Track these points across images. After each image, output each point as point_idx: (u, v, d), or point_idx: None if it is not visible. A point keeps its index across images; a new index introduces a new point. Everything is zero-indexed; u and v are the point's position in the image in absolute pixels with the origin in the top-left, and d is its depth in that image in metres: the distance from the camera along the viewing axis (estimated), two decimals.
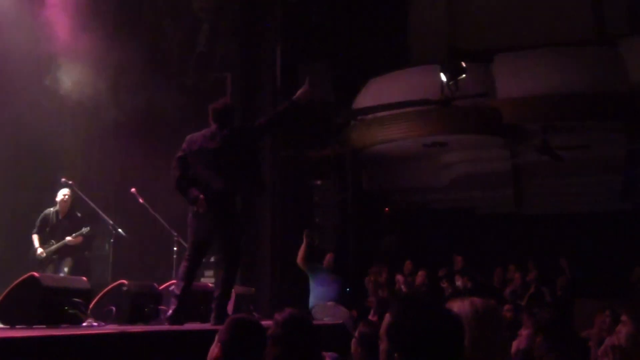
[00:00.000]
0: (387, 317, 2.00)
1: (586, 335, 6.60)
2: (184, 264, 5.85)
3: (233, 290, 7.04)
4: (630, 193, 13.15)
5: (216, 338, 3.03)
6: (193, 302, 6.13)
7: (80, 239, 7.82)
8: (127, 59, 8.74)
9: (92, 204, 7.43)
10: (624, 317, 4.23)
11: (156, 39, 9.74)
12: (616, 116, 11.34)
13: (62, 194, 7.91)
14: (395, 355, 1.94)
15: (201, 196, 5.58)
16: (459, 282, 10.96)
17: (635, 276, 10.48)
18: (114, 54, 8.69)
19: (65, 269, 7.74)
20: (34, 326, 4.96)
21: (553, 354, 3.89)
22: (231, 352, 2.94)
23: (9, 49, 7.97)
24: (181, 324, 5.52)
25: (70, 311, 5.32)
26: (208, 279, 9.22)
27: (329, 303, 8.89)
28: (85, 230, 7.79)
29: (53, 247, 7.80)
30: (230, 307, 6.48)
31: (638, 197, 13.20)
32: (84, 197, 7.43)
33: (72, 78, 8.47)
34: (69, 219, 7.92)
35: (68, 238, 7.78)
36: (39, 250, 7.73)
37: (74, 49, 8.23)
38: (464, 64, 10.60)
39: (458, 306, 2.33)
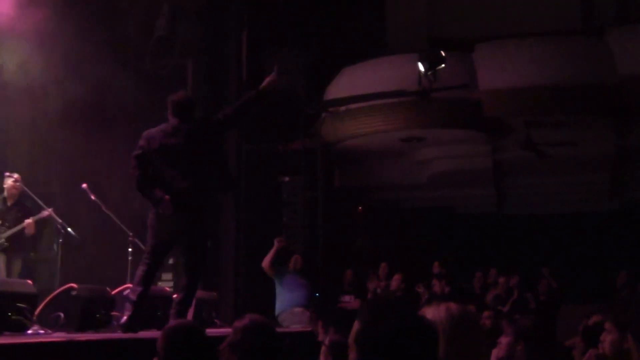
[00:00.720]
0: (356, 324, 2.00)
1: (571, 344, 6.69)
2: (141, 267, 5.78)
3: None
4: (619, 192, 13.35)
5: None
6: (149, 308, 6.09)
7: (32, 223, 7.51)
8: (78, 40, 8.63)
9: (38, 201, 7.31)
10: (607, 325, 4.29)
11: (111, 19, 9.62)
12: (604, 110, 11.47)
13: (11, 180, 7.59)
14: None
15: (166, 197, 5.53)
16: (436, 288, 11.07)
17: (621, 281, 10.64)
18: (64, 34, 8.57)
19: (15, 271, 7.53)
20: None
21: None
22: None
23: None
24: (135, 331, 5.48)
25: (13, 317, 5.26)
26: (165, 283, 9.18)
27: (297, 309, 8.92)
28: (45, 212, 7.45)
29: (8, 233, 7.49)
30: (190, 314, 6.45)
31: (627, 196, 13.41)
32: (29, 192, 7.30)
33: (15, 60, 8.31)
34: (19, 206, 7.64)
35: (27, 221, 7.45)
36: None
37: (17, 27, 8.05)
38: (443, 54, 10.63)
39: (433, 312, 2.34)
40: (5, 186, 7.65)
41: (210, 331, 5.97)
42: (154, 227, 5.71)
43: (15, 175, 7.62)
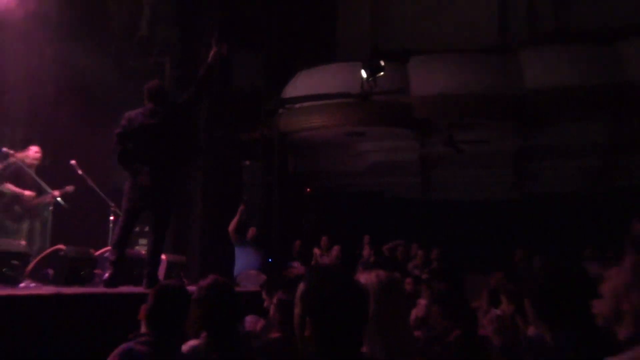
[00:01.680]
0: (301, 285, 2.02)
1: (476, 306, 6.87)
2: (117, 231, 5.76)
3: (165, 257, 7.00)
4: (520, 184, 13.63)
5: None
6: (127, 268, 6.05)
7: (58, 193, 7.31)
8: (72, 37, 8.44)
9: (33, 175, 7.17)
10: (505, 292, 4.44)
11: (101, 20, 9.43)
12: (511, 116, 11.68)
13: (34, 150, 7.32)
14: (307, 319, 1.94)
15: (145, 169, 5.53)
16: (365, 252, 11.20)
17: (518, 256, 10.88)
18: (60, 32, 8.38)
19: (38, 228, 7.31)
20: None
21: (446, 321, 4.06)
22: (157, 314, 2.96)
23: None
24: (116, 287, 5.45)
25: (7, 272, 5.18)
26: (142, 247, 9.09)
27: (252, 271, 8.96)
28: (69, 188, 7.34)
29: (41, 199, 7.28)
30: (161, 273, 6.44)
31: (526, 187, 13.70)
32: (25, 167, 7.15)
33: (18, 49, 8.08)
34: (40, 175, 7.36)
35: (55, 192, 7.28)
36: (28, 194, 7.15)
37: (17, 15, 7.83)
38: (383, 63, 10.72)
39: (365, 277, 2.39)
40: (28, 154, 7.34)
41: None
42: (129, 194, 5.68)
43: (37, 148, 7.39)
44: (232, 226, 9.16)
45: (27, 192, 7.17)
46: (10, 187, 7.13)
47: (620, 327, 1.77)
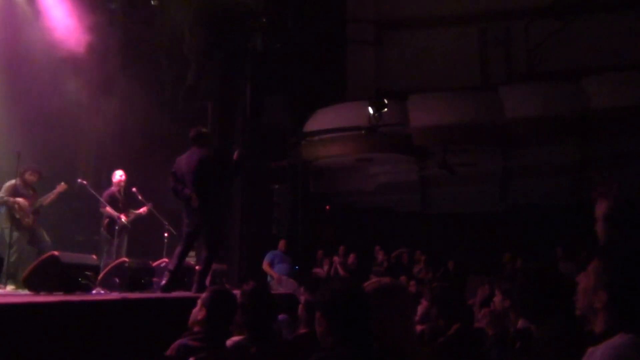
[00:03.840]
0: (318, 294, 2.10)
1: (471, 303, 6.75)
2: (179, 247, 5.77)
3: None
4: (505, 198, 13.52)
5: (199, 303, 3.02)
6: (181, 276, 6.07)
7: (145, 210, 7.42)
8: (131, 87, 8.58)
9: (101, 199, 7.25)
10: (496, 290, 4.36)
11: (155, 72, 9.58)
12: (495, 142, 11.62)
13: (119, 175, 7.39)
14: (320, 318, 2.03)
15: (193, 194, 5.56)
16: (380, 257, 11.11)
17: (505, 259, 10.75)
18: (123, 84, 8.52)
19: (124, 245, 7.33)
20: (54, 293, 4.84)
21: (443, 318, 4.00)
22: (213, 315, 2.94)
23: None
24: (170, 292, 5.46)
25: (82, 282, 5.21)
26: (190, 258, 9.11)
27: (283, 277, 8.91)
28: (149, 205, 7.39)
29: (132, 217, 7.38)
30: (207, 281, 6.43)
31: (510, 201, 13.58)
32: (95, 194, 7.22)
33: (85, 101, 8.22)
34: (127, 195, 7.45)
35: (141, 210, 7.39)
36: (123, 219, 7.20)
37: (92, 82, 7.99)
38: (386, 101, 10.75)
39: (374, 284, 2.36)
40: (115, 180, 7.40)
41: None
42: (187, 218, 5.71)
43: (122, 172, 7.47)
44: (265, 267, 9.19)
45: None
46: (109, 209, 7.19)
47: (596, 322, 1.75)
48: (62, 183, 6.92)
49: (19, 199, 6.53)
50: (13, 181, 6.58)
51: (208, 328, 2.89)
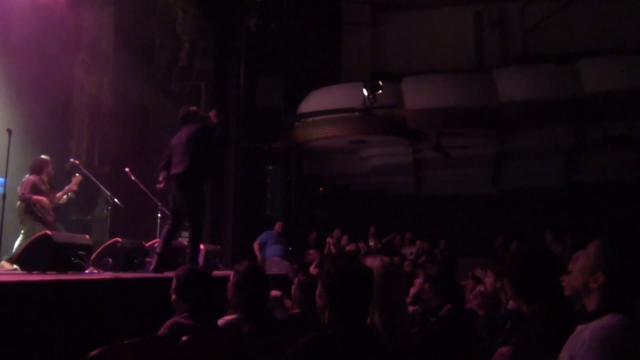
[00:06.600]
0: (321, 268, 2.09)
1: (464, 284, 6.81)
2: (165, 227, 5.77)
3: (204, 247, 7.00)
4: (498, 182, 13.58)
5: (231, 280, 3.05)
6: (173, 256, 6.06)
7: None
8: (126, 68, 8.49)
9: (94, 180, 7.20)
10: (488, 271, 4.40)
11: (148, 53, 9.47)
12: (489, 125, 11.62)
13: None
14: (322, 293, 2.02)
15: (160, 178, 5.67)
16: (372, 243, 11.17)
17: (499, 242, 10.84)
18: (116, 62, 8.43)
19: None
20: (47, 272, 4.83)
21: (436, 297, 4.03)
22: (184, 292, 2.93)
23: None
24: (162, 272, 5.45)
25: (75, 261, 5.21)
26: (185, 239, 9.12)
27: (276, 258, 8.95)
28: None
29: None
30: (200, 260, 6.43)
31: (503, 184, 13.65)
32: (88, 174, 7.16)
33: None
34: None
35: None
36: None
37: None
38: (380, 83, 10.70)
39: (371, 261, 2.39)
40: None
41: (216, 273, 5.97)
42: (169, 198, 5.76)
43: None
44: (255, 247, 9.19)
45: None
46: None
47: (588, 302, 1.78)
48: (77, 175, 6.79)
49: (41, 198, 6.29)
50: (31, 178, 6.34)
51: (189, 305, 2.88)
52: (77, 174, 6.76)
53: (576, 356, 1.63)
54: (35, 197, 6.26)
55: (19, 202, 6.30)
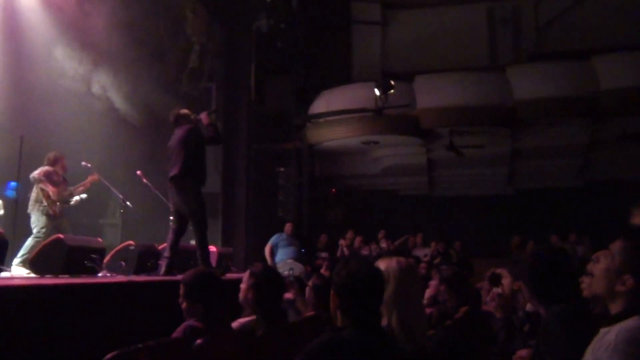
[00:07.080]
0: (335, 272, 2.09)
1: (480, 286, 6.76)
2: (170, 232, 5.77)
3: (216, 249, 7.01)
4: (513, 181, 13.48)
5: (247, 282, 3.02)
6: (185, 259, 6.08)
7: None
8: (136, 70, 8.53)
9: (106, 183, 7.24)
10: (504, 272, 4.36)
11: (159, 56, 9.52)
12: (503, 124, 11.54)
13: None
14: (334, 296, 2.02)
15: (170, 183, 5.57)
16: (383, 245, 11.12)
17: (515, 242, 10.74)
18: (128, 66, 8.48)
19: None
20: (60, 276, 4.87)
21: (452, 299, 4.00)
22: (191, 295, 2.92)
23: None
24: (174, 275, 5.47)
25: (88, 264, 5.24)
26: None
27: (289, 260, 8.93)
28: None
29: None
30: (213, 262, 6.44)
31: (518, 184, 13.54)
32: (100, 177, 7.21)
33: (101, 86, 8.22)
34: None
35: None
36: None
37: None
38: (392, 83, 10.66)
39: (387, 263, 2.38)
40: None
41: (228, 275, 5.99)
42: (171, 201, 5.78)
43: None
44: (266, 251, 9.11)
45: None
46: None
47: (612, 304, 1.73)
48: (94, 173, 6.85)
49: (50, 187, 6.39)
50: (46, 167, 6.46)
51: (204, 312, 2.88)
52: (93, 173, 6.83)
53: (601, 358, 1.60)
54: (46, 183, 6.33)
55: (33, 189, 6.36)
